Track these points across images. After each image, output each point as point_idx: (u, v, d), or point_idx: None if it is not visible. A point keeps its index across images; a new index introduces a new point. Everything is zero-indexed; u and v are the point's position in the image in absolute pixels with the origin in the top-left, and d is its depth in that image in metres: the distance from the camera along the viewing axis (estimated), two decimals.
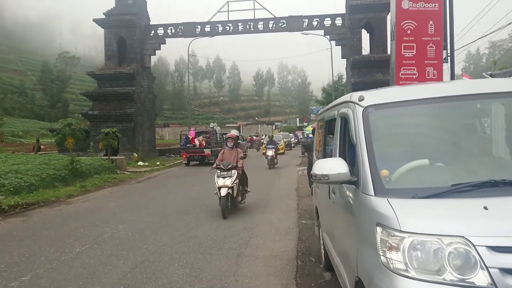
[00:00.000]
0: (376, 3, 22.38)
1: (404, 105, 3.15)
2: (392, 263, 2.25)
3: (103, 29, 25.50)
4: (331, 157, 4.25)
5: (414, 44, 9.60)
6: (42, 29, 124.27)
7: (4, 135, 49.60)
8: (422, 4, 9.40)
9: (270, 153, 20.25)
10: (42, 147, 25.95)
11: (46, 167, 14.12)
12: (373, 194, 2.64)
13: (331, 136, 4.51)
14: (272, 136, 24.70)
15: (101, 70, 25.34)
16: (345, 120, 3.66)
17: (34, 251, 6.35)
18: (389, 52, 22.76)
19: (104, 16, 25.16)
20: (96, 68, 26.35)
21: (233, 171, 8.66)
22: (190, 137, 23.84)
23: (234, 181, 8.55)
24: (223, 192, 8.33)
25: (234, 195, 8.73)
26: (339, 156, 3.70)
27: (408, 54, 9.57)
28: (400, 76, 9.50)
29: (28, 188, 11.74)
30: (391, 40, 10.07)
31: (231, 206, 8.72)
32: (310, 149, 13.19)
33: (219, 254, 6.02)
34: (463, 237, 2.12)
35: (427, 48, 9.63)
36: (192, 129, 28.76)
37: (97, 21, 25.16)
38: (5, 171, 12.67)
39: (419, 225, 2.22)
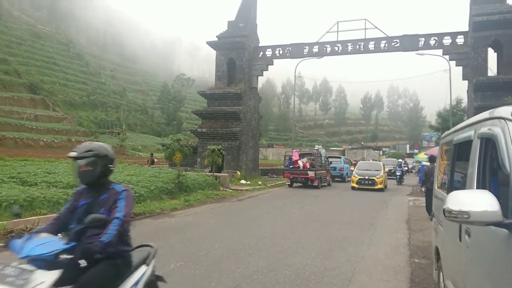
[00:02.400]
0: (507, 18, 20.04)
1: None
2: None
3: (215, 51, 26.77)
4: (459, 189, 3.42)
5: None
6: (163, 53, 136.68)
7: (125, 148, 54.82)
8: None
9: None
10: (155, 160, 27.76)
11: (155, 180, 14.82)
12: None
13: (462, 162, 3.67)
14: None
15: (211, 89, 26.51)
16: (486, 141, 2.87)
17: None
18: None
19: (216, 39, 26.41)
20: (207, 88, 27.63)
21: None
22: (294, 158, 23.52)
23: None
24: None
25: None
26: (477, 189, 2.90)
27: None
28: None
29: (137, 199, 12.29)
30: None
31: None
32: (428, 178, 11.93)
33: None
34: None
35: None
36: (294, 150, 28.43)
37: (210, 43, 26.50)
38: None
39: None
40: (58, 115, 61.67)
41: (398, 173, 28.83)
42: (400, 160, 41.69)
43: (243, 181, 22.33)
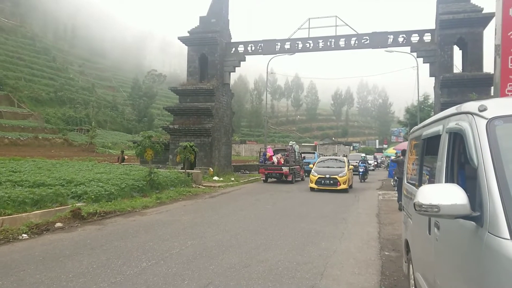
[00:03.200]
0: (471, 17, 20.65)
1: None
2: None
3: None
4: (428, 183, 3.49)
5: None
6: (134, 48, 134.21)
7: (95, 145, 53.64)
8: None
9: None
10: (126, 157, 27.28)
11: (126, 177, 14.55)
12: (508, 237, 1.91)
13: (431, 157, 3.75)
14: None
15: (182, 86, 26.20)
16: (454, 136, 2.93)
17: (102, 262, 6.21)
18: (485, 70, 20.91)
19: (188, 35, 26.10)
20: (179, 84, 27.30)
21: None
22: (268, 154, 23.70)
23: None
24: None
25: None
26: (446, 182, 2.96)
27: None
28: (506, 93, 8.27)
29: (107, 197, 12.04)
30: (495, 55, 8.87)
31: None
32: (399, 170, 12.38)
33: (290, 283, 5.40)
34: None
35: None
36: (269, 147, 28.61)
37: (181, 39, 26.17)
38: (89, 179, 13.23)
39: None
40: (24, 111, 59.66)
41: (361, 169, 25.54)
42: (364, 154, 38.83)
43: (215, 178, 22.23)
